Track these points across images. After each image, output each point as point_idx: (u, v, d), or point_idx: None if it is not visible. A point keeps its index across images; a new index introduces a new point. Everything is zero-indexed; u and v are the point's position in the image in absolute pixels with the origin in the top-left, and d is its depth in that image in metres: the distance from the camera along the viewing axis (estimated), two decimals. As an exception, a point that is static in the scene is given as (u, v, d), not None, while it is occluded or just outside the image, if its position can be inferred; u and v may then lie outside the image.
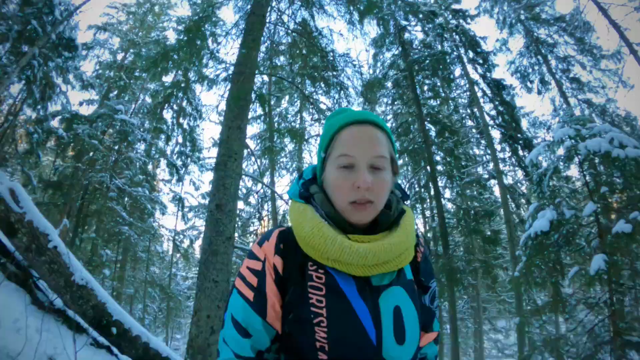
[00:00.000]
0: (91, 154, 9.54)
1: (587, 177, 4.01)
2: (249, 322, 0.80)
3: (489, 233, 8.90)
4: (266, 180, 12.38)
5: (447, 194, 10.39)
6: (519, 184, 9.25)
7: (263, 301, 0.81)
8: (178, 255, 14.11)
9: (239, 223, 12.28)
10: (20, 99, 9.22)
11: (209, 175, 18.31)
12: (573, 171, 4.77)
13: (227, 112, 5.54)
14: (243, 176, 11.36)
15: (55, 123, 9.77)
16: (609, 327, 4.01)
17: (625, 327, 3.80)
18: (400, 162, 13.23)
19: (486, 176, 9.55)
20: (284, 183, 13.83)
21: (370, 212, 0.82)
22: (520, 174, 9.05)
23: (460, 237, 10.04)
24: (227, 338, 0.82)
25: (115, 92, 12.68)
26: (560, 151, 4.16)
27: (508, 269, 9.37)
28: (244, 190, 12.43)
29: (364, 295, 0.79)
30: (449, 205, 10.50)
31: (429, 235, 11.88)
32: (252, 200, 12.58)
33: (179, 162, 12.40)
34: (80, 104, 12.21)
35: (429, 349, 0.94)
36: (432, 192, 9.91)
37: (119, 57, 13.75)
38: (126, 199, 10.45)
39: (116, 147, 10.25)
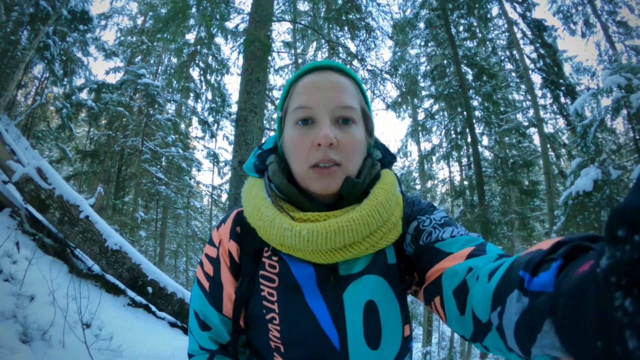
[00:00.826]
0: (123, 119, 9.82)
1: (638, 135, 3.48)
2: (206, 315, 0.72)
3: (526, 184, 8.43)
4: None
5: (485, 141, 9.88)
6: (560, 133, 8.52)
7: (219, 292, 0.71)
8: (216, 209, 14.73)
9: None
10: (45, 78, 9.54)
11: (241, 131, 18.69)
12: (619, 124, 4.21)
13: (244, 65, 5.32)
14: (267, 131, 11.36)
15: (84, 95, 10.07)
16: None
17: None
18: (435, 107, 12.65)
19: (526, 124, 8.84)
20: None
21: (336, 177, 0.64)
22: (561, 122, 8.30)
23: (496, 187, 9.63)
24: (192, 329, 0.76)
25: (140, 57, 12.73)
26: (607, 101, 3.62)
27: (545, 222, 8.93)
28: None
29: (325, 288, 0.65)
30: (486, 153, 9.97)
31: (465, 183, 11.53)
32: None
33: (210, 119, 12.61)
34: (107, 72, 12.40)
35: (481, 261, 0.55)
36: (469, 139, 9.31)
37: (139, 21, 13.58)
38: (162, 160, 10.89)
39: (145, 111, 10.47)
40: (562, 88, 7.64)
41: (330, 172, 0.64)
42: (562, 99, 7.89)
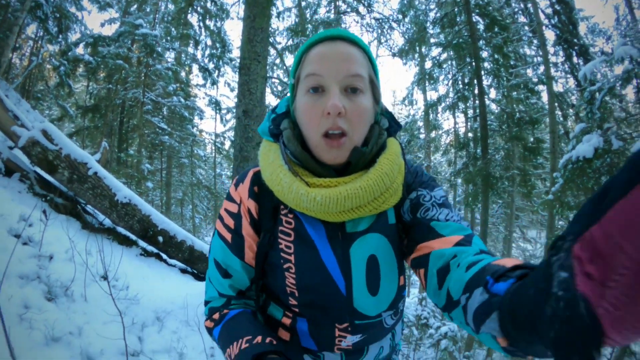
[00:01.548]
0: (122, 72, 9.53)
1: None
2: (229, 263, 0.81)
3: (531, 141, 8.31)
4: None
5: (492, 94, 9.58)
6: (569, 93, 8.19)
7: (241, 242, 0.80)
8: (220, 156, 14.84)
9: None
10: (39, 37, 9.11)
11: (243, 77, 18.21)
12: (629, 93, 4.05)
13: (246, 12, 5.10)
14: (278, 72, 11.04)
15: (80, 50, 9.68)
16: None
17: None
18: (443, 56, 12.11)
19: (535, 80, 8.48)
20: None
21: (345, 148, 0.72)
22: (571, 82, 7.94)
23: (500, 141, 9.53)
24: (212, 278, 0.84)
25: (135, 6, 11.97)
26: (619, 70, 3.47)
27: (546, 180, 8.94)
28: (279, 88, 12.26)
29: (334, 243, 0.76)
30: (493, 106, 9.75)
31: (469, 135, 11.41)
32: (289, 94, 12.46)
33: (210, 66, 12.21)
34: (102, 25, 11.71)
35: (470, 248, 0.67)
36: (476, 91, 9.04)
37: (133, -33, 12.57)
38: (164, 110, 10.74)
39: (144, 62, 10.11)
40: (576, 47, 7.21)
41: (339, 143, 0.71)
42: (575, 59, 7.51)
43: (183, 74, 12.16)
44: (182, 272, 5.44)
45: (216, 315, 0.82)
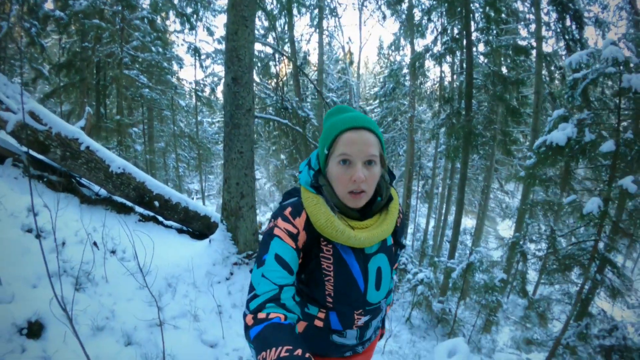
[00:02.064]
0: (97, 30, 8.69)
1: (620, 110, 3.52)
2: (292, 259, 1.06)
3: (514, 102, 8.41)
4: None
5: (481, 47, 9.39)
6: (558, 55, 8.10)
7: (299, 251, 1.10)
8: (201, 104, 14.39)
9: (258, 65, 12.00)
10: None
11: (222, 18, 16.94)
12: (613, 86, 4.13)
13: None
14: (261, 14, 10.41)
15: (50, 5, 8.69)
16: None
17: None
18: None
19: (526, 36, 8.31)
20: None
21: (363, 199, 1.09)
22: (562, 44, 7.83)
23: (484, 99, 9.57)
24: (266, 273, 1.02)
25: None
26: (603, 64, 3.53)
27: (527, 136, 9.21)
28: (262, 31, 11.69)
29: (359, 261, 1.14)
30: (481, 59, 9.62)
31: (455, 85, 11.41)
32: (270, 39, 11.91)
33: (188, 10, 11.36)
34: None
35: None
36: (465, 43, 8.90)
37: None
38: (141, 60, 10.06)
39: (120, 16, 9.21)
40: (570, 12, 7.05)
41: (360, 197, 1.08)
42: (568, 22, 7.33)
43: (159, 20, 11.24)
44: (179, 232, 5.67)
45: (261, 315, 0.93)
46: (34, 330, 2.05)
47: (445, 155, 10.76)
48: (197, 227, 5.93)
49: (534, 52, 7.84)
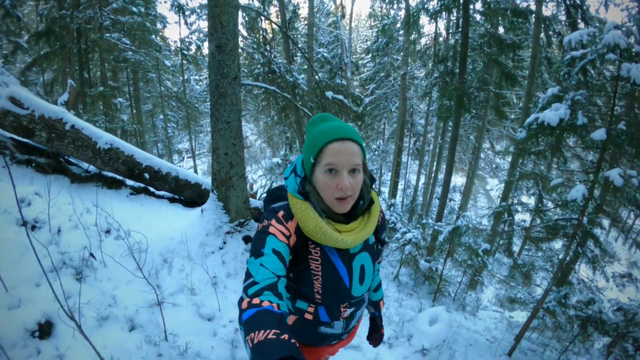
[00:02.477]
0: None
1: (616, 100, 3.42)
2: (286, 255, 1.14)
3: (510, 64, 8.17)
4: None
5: (478, 5, 8.93)
6: (557, 20, 7.71)
7: (290, 250, 1.19)
8: (186, 62, 13.78)
9: (246, 18, 11.42)
10: None
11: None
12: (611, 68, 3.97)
13: None
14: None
15: None
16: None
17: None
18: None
19: None
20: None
21: (349, 204, 1.19)
22: (562, 9, 7.42)
23: (479, 61, 9.27)
24: (265, 263, 1.08)
25: None
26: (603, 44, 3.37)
27: (521, 98, 9.08)
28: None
29: (344, 260, 1.27)
30: (477, 17, 9.21)
31: (450, 42, 11.04)
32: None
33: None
34: None
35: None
36: (461, 0, 8.48)
37: None
38: (122, 22, 9.43)
39: None
40: None
41: (346, 202, 1.17)
42: None
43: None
44: (171, 202, 5.70)
45: (256, 301, 0.98)
46: (45, 329, 2.13)
47: (437, 116, 10.67)
48: (188, 195, 5.96)
49: (532, 15, 7.51)
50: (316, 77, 6.23)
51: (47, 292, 2.16)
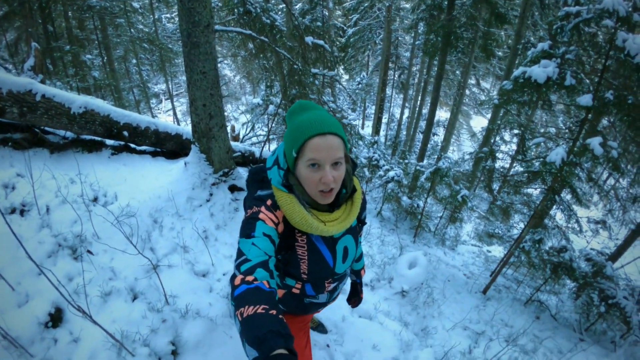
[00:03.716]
0: None
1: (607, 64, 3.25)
2: (275, 238, 1.22)
3: (500, 3, 7.66)
4: None
5: None
6: None
7: (278, 235, 1.26)
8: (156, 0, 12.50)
9: None
10: None
11: None
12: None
13: None
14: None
15: None
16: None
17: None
18: None
19: None
20: None
21: (332, 196, 1.24)
22: None
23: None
24: (257, 243, 1.16)
25: None
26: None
27: (510, 36, 8.73)
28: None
29: (328, 245, 1.37)
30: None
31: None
32: None
33: None
34: None
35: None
36: None
37: None
38: None
39: None
40: None
41: (330, 194, 1.22)
42: None
43: None
44: (154, 156, 5.66)
45: (249, 278, 1.03)
46: (56, 318, 2.24)
47: (423, 51, 10.33)
48: (170, 147, 5.92)
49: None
50: (295, 21, 5.83)
51: (53, 280, 2.24)
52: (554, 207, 5.06)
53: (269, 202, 1.26)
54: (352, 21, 16.79)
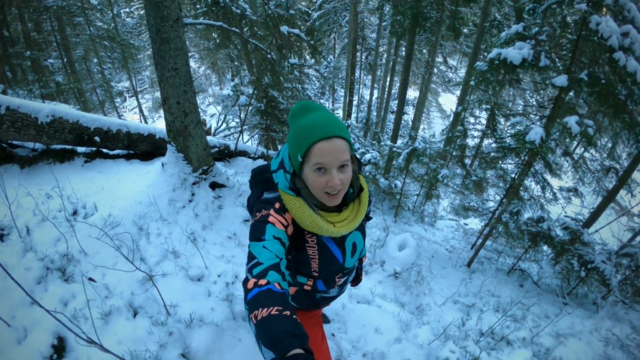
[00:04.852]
0: None
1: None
2: (285, 241, 1.22)
3: None
4: None
5: None
6: None
7: (288, 237, 1.26)
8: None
9: None
10: None
11: None
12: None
13: None
14: None
15: None
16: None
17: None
18: None
19: None
20: None
21: (340, 198, 1.24)
22: None
23: None
24: (267, 246, 1.15)
25: None
26: None
27: (476, 15, 8.86)
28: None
29: (338, 243, 1.38)
30: None
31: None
32: None
33: None
34: None
35: None
36: None
37: None
38: None
39: None
40: None
41: (337, 196, 1.22)
42: None
43: None
44: (128, 159, 5.46)
45: (262, 282, 1.03)
46: (59, 348, 2.13)
47: (391, 32, 10.35)
48: (144, 148, 5.73)
49: None
50: (268, 10, 5.64)
51: (48, 307, 2.13)
52: (529, 179, 5.30)
53: (277, 205, 1.25)
54: (316, 4, 16.50)
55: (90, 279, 2.61)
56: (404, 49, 11.82)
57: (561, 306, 5.20)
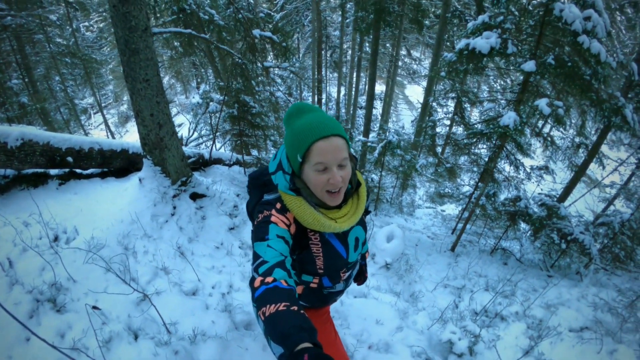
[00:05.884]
0: None
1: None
2: (289, 240, 1.23)
3: None
4: None
5: None
6: None
7: (291, 236, 1.28)
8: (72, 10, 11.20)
9: None
10: None
11: None
12: None
13: None
14: None
15: None
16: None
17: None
18: None
19: None
20: None
21: (341, 196, 1.27)
22: None
23: None
24: (272, 244, 1.17)
25: None
26: None
27: (437, 6, 9.10)
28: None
29: (340, 239, 1.41)
30: None
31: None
32: None
33: None
34: None
35: None
36: None
37: None
38: None
39: None
40: None
41: (338, 195, 1.25)
42: None
43: None
44: (103, 177, 5.28)
45: (269, 279, 1.05)
46: None
47: (355, 29, 10.46)
48: (118, 164, 5.57)
49: None
50: (238, 14, 5.56)
51: (42, 343, 2.03)
52: (503, 161, 5.54)
53: (278, 206, 1.27)
54: (278, 5, 16.42)
55: (95, 307, 2.51)
56: (367, 44, 12.03)
57: (546, 279, 5.47)
